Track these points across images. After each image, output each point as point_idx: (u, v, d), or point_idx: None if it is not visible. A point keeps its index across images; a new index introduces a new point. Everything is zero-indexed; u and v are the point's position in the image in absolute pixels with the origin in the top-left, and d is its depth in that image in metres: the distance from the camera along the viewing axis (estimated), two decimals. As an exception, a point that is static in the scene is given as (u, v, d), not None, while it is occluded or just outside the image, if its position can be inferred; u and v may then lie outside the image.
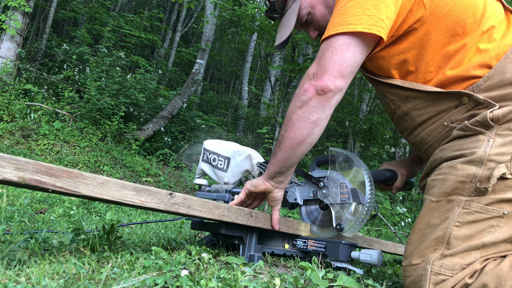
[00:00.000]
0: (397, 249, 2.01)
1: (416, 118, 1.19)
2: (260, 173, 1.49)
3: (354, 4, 1.06)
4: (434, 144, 1.18)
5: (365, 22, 1.04)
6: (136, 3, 14.09)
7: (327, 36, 1.08)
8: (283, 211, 4.85)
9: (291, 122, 1.13)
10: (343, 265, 1.32)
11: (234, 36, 15.37)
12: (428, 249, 1.02)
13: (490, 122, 1.02)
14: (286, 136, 1.15)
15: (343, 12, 1.07)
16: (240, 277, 1.04)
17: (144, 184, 5.60)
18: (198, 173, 1.70)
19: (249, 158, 1.56)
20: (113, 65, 7.58)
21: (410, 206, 7.55)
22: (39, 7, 9.28)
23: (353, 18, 1.05)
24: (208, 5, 8.16)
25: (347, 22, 1.05)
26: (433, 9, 1.09)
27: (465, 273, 0.97)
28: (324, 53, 1.07)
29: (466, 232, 0.99)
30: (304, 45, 7.88)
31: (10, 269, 0.86)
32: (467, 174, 1.01)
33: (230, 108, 12.34)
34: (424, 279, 1.00)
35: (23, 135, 5.40)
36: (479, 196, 1.00)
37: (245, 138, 9.78)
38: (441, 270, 0.99)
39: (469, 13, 1.09)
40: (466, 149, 1.04)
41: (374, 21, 1.04)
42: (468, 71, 1.08)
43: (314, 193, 1.47)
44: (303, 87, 1.10)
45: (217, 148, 1.63)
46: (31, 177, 0.79)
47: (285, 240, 1.49)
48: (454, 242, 0.99)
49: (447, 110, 1.12)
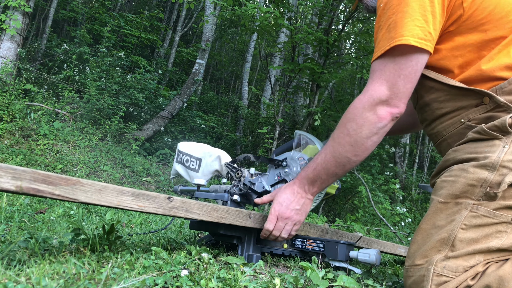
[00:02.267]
0: (396, 249, 2.01)
1: (435, 110, 1.18)
2: (228, 173, 1.57)
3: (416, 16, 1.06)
4: (448, 139, 1.18)
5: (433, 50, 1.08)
6: (136, 3, 14.08)
7: (397, 45, 1.06)
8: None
9: (364, 146, 1.13)
10: (341, 264, 1.33)
11: (234, 36, 15.37)
12: (432, 250, 1.02)
13: (508, 128, 1.00)
14: (349, 156, 1.14)
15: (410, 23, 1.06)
16: (240, 277, 1.04)
17: (144, 184, 5.60)
18: (172, 173, 1.80)
19: (218, 159, 1.64)
20: (113, 65, 7.58)
21: (410, 206, 7.55)
22: (39, 7, 9.28)
23: (426, 36, 1.06)
24: (208, 5, 8.16)
25: (423, 41, 1.05)
26: (472, 12, 1.08)
27: (467, 275, 0.97)
28: (396, 79, 1.08)
29: (472, 235, 0.99)
30: (304, 45, 7.88)
31: (10, 269, 0.86)
32: (478, 178, 1.00)
33: (230, 108, 12.34)
34: (426, 280, 1.00)
35: (23, 135, 5.41)
36: (488, 201, 0.99)
37: (245, 138, 9.78)
38: (443, 272, 0.98)
39: (509, 17, 1.08)
40: (479, 153, 1.03)
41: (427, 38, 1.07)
42: (495, 71, 1.07)
43: (278, 175, 1.53)
44: (379, 114, 1.09)
45: (189, 149, 1.73)
46: (29, 185, 0.80)
47: (284, 240, 1.49)
48: (459, 245, 0.99)
49: (466, 108, 1.11)
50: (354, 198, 6.36)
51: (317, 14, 6.22)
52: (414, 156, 12.29)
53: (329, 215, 6.19)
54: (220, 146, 8.49)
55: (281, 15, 5.18)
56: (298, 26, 6.17)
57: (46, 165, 4.89)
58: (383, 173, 7.34)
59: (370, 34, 5.52)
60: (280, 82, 10.38)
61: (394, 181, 6.31)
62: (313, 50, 7.68)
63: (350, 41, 10.86)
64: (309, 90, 6.36)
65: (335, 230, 1.74)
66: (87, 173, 5.15)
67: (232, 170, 1.55)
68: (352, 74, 10.43)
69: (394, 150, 8.08)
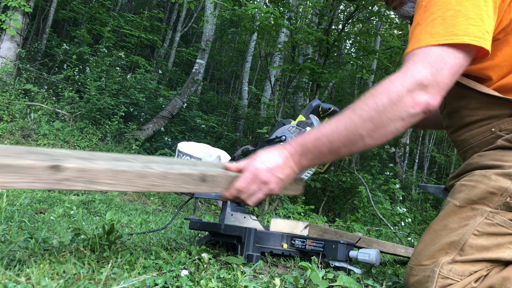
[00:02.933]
0: (396, 249, 2.01)
1: (465, 117, 1.14)
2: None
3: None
4: (475, 148, 1.13)
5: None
6: (136, 3, 14.08)
7: (447, 44, 0.94)
8: (282, 211, 4.86)
9: (384, 129, 0.94)
10: (341, 264, 1.33)
11: (234, 36, 15.37)
12: (440, 252, 1.01)
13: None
14: (364, 135, 0.95)
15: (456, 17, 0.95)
16: (240, 277, 1.05)
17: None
18: None
19: (218, 159, 1.66)
20: (113, 65, 7.58)
21: (410, 206, 7.56)
22: (39, 7, 9.28)
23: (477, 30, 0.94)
24: (208, 5, 8.16)
25: (474, 35, 0.93)
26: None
27: (471, 278, 0.97)
28: (442, 68, 0.94)
29: (484, 242, 0.97)
30: (304, 45, 7.88)
31: (10, 269, 0.86)
32: (499, 186, 0.99)
33: (230, 108, 12.34)
34: (431, 281, 0.99)
35: (23, 135, 5.41)
36: (505, 211, 0.98)
37: (245, 138, 9.78)
38: (449, 275, 0.98)
39: None
40: (505, 161, 1.01)
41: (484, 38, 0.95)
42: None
43: None
44: (417, 99, 0.92)
45: (189, 149, 1.74)
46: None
47: (284, 240, 1.49)
48: (468, 250, 0.98)
49: (499, 117, 1.07)
50: (354, 198, 6.36)
51: (317, 14, 6.22)
52: (414, 156, 12.30)
53: (329, 215, 6.19)
54: (220, 146, 8.49)
55: (281, 15, 5.18)
56: (298, 26, 6.17)
57: (46, 165, 4.90)
58: (383, 173, 7.34)
59: (370, 34, 5.51)
60: (280, 82, 10.39)
61: (394, 181, 6.31)
62: (313, 50, 7.68)
63: (350, 41, 10.85)
64: (309, 90, 6.36)
65: (335, 230, 1.74)
66: (87, 173, 5.16)
67: None
68: (352, 74, 10.43)
69: (394, 150, 8.08)
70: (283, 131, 1.50)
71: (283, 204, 5.02)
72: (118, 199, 4.28)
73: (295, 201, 5.42)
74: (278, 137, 1.50)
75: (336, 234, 1.73)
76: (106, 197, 4.09)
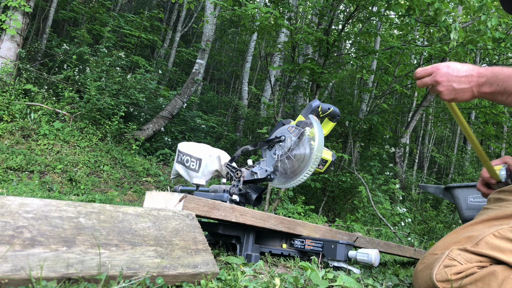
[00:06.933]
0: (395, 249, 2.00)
1: None
2: (228, 173, 1.58)
3: None
4: None
5: None
6: (136, 3, 14.08)
7: None
8: (282, 211, 4.86)
9: None
10: (340, 264, 1.33)
11: (234, 36, 15.37)
12: (456, 243, 1.03)
13: None
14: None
15: None
16: (240, 277, 1.05)
17: (144, 184, 5.60)
18: (173, 173, 1.82)
19: (218, 159, 1.65)
20: (113, 65, 7.58)
21: (410, 206, 7.55)
22: (39, 7, 9.28)
23: None
24: (208, 5, 8.16)
25: None
26: None
27: (475, 265, 0.99)
28: None
29: (500, 244, 0.98)
30: (304, 45, 7.88)
31: (10, 269, 0.86)
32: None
33: (230, 108, 12.34)
34: (438, 261, 1.01)
35: (23, 135, 5.41)
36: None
37: (245, 138, 9.78)
38: (456, 257, 1.00)
39: None
40: None
41: None
42: None
43: (275, 153, 1.53)
44: None
45: (189, 150, 1.73)
46: None
47: (283, 240, 1.49)
48: (483, 245, 0.99)
49: None
50: (354, 198, 6.36)
51: (317, 14, 6.22)
52: (414, 156, 12.29)
53: (329, 215, 6.19)
54: (220, 146, 8.49)
55: (281, 15, 5.18)
56: (298, 26, 6.17)
57: (46, 165, 4.90)
58: (383, 173, 7.34)
59: (370, 34, 5.52)
60: (280, 82, 10.38)
61: (394, 181, 6.31)
62: (313, 50, 7.68)
63: (350, 41, 10.85)
64: (309, 90, 6.36)
65: (335, 230, 1.74)
66: (87, 173, 5.16)
67: (231, 170, 1.56)
68: (352, 74, 10.43)
69: (394, 150, 8.08)
70: (283, 131, 1.51)
71: (283, 204, 5.02)
72: (118, 199, 4.27)
73: (295, 201, 5.42)
74: (278, 137, 1.50)
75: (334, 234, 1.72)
76: (106, 197, 4.09)
